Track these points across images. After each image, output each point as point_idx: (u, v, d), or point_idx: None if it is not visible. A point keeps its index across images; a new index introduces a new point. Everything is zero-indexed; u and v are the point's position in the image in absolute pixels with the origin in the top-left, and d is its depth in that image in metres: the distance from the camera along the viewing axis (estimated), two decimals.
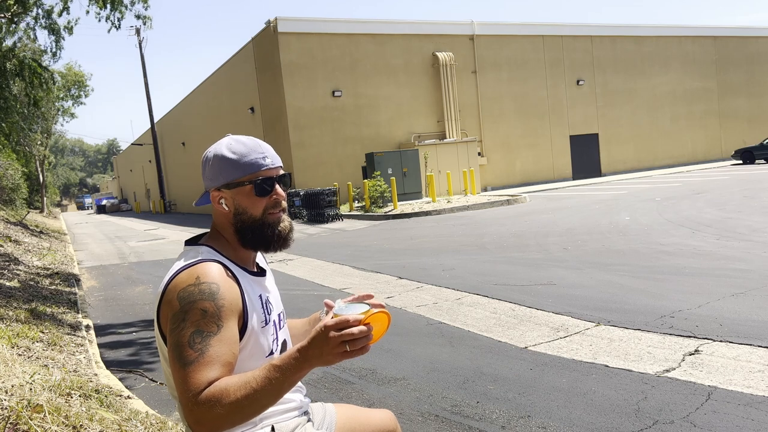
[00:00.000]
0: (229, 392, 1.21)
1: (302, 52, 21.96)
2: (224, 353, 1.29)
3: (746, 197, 12.61)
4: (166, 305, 1.36)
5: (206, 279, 1.35)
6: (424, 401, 3.44)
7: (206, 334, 1.29)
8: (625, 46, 28.84)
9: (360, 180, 21.78)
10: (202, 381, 1.23)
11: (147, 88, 34.81)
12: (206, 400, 1.21)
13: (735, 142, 31.80)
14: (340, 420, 1.69)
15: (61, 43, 11.31)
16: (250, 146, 1.49)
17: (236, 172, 1.47)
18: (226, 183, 1.48)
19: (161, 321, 1.38)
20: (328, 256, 9.94)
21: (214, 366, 1.26)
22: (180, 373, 1.26)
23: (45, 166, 38.11)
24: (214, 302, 1.32)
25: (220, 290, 1.34)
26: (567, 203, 15.73)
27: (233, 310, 1.35)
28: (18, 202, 22.64)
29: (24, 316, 5.28)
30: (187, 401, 1.23)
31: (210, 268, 1.37)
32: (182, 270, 1.38)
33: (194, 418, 1.22)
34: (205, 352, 1.27)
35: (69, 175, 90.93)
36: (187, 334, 1.28)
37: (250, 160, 1.47)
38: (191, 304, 1.31)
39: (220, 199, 1.49)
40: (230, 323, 1.33)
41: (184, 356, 1.26)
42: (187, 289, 1.33)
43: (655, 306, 4.94)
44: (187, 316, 1.30)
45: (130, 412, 3.18)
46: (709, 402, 3.07)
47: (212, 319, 1.30)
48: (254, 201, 1.48)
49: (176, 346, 1.28)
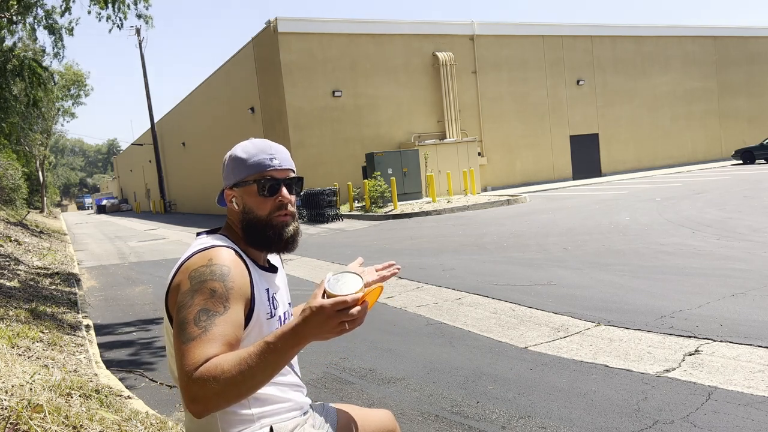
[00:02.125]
0: (224, 368, 1.20)
1: (302, 52, 21.96)
2: (228, 333, 1.29)
3: (746, 197, 12.61)
4: (176, 286, 1.38)
5: (218, 261, 1.37)
6: (424, 401, 3.44)
7: (212, 314, 1.30)
8: (625, 46, 28.84)
9: (360, 180, 21.78)
10: (200, 357, 1.23)
11: (147, 88, 34.82)
12: (201, 376, 1.20)
13: (735, 142, 31.79)
14: (341, 420, 1.70)
15: (62, 43, 11.29)
16: (261, 147, 1.53)
17: (243, 172, 1.51)
18: (236, 182, 1.52)
19: (169, 302, 1.39)
20: (328, 256, 9.94)
21: (214, 344, 1.26)
22: (181, 349, 1.25)
23: (45, 166, 38.12)
24: (223, 283, 1.34)
25: (231, 273, 1.36)
26: (567, 203, 15.73)
27: (242, 294, 1.37)
28: (18, 202, 22.64)
29: (24, 316, 5.28)
30: (184, 378, 1.22)
31: (223, 252, 1.41)
32: (196, 252, 1.41)
33: (190, 396, 1.21)
34: (209, 330, 1.27)
35: (69, 175, 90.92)
36: (194, 311, 1.29)
37: (257, 161, 1.51)
38: (201, 284, 1.33)
39: (232, 198, 1.54)
40: (237, 306, 1.35)
41: (187, 332, 1.27)
42: (198, 269, 1.36)
43: (655, 306, 4.94)
44: (195, 294, 1.32)
45: (130, 412, 3.18)
46: (710, 402, 3.07)
47: (220, 299, 1.32)
48: (259, 201, 1.50)
49: (182, 323, 1.29)
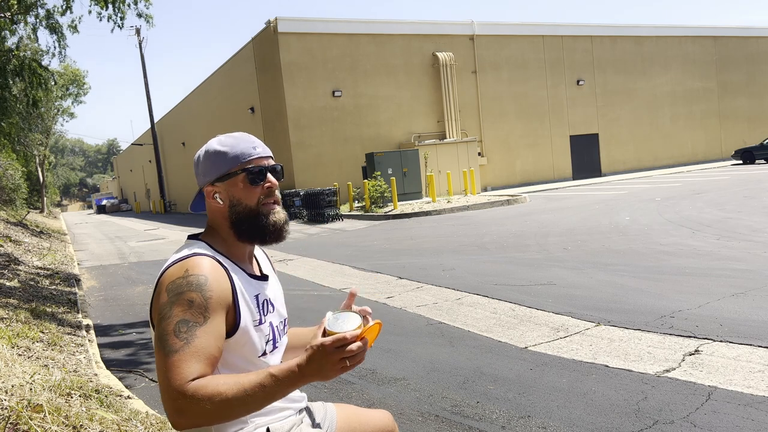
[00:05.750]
0: (220, 390, 1.20)
1: (302, 52, 21.96)
2: (210, 345, 1.29)
3: (746, 197, 12.61)
4: (156, 298, 1.37)
5: (194, 271, 1.35)
6: (424, 401, 3.44)
7: (192, 324, 1.29)
8: (625, 46, 28.84)
9: (360, 180, 21.78)
10: (189, 372, 1.23)
11: (147, 88, 34.81)
12: (195, 392, 1.20)
13: (735, 142, 31.80)
14: (340, 419, 1.70)
15: (63, 43, 11.28)
16: (240, 137, 1.51)
17: (228, 163, 1.48)
18: (219, 176, 1.49)
19: (153, 314, 1.39)
20: (328, 256, 9.94)
21: (200, 358, 1.26)
22: (165, 361, 1.25)
23: (45, 166, 38.11)
24: (201, 293, 1.32)
25: (208, 282, 1.34)
26: (567, 203, 15.72)
27: (221, 303, 1.35)
28: (18, 202, 22.65)
29: (24, 316, 5.28)
30: (172, 390, 1.22)
31: (199, 262, 1.38)
32: (173, 264, 1.39)
33: (176, 408, 1.21)
34: (191, 342, 1.26)
35: (69, 175, 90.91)
36: (173, 323, 1.28)
37: (241, 150, 1.49)
38: (178, 296, 1.31)
39: (215, 194, 1.50)
40: (217, 316, 1.33)
41: (169, 344, 1.26)
42: (175, 282, 1.34)
43: (655, 306, 4.94)
44: (173, 306, 1.30)
45: (130, 412, 3.17)
46: (709, 402, 3.07)
47: (199, 309, 1.31)
48: (248, 190, 1.48)
49: (162, 335, 1.28)
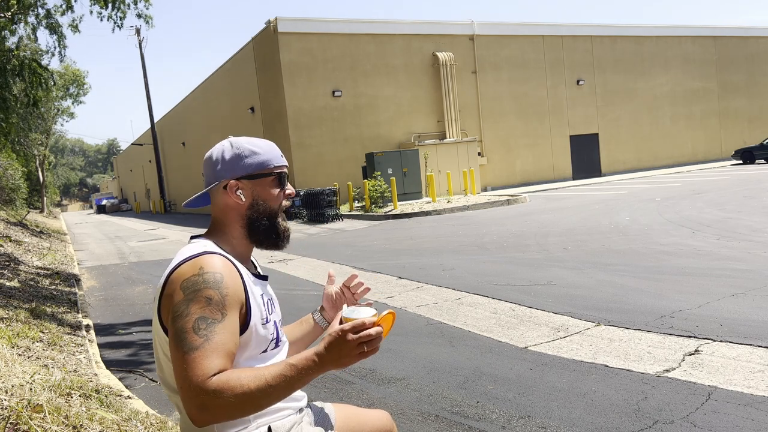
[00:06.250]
0: (242, 382, 1.21)
1: (302, 52, 21.96)
2: (228, 341, 1.30)
3: (746, 197, 12.61)
4: (167, 297, 1.36)
5: (209, 269, 1.36)
6: (424, 401, 3.44)
7: (211, 321, 1.29)
8: (625, 46, 28.84)
9: (360, 180, 21.78)
10: (210, 367, 1.23)
11: (147, 88, 34.81)
12: (217, 387, 1.21)
13: (735, 142, 31.80)
14: (339, 419, 1.71)
15: (63, 43, 11.27)
16: (267, 143, 1.58)
17: (262, 163, 1.52)
18: (249, 174, 1.51)
19: (162, 312, 1.38)
20: (328, 256, 9.94)
21: (220, 353, 1.26)
22: (184, 358, 1.25)
23: (45, 166, 38.11)
24: (218, 291, 1.33)
25: (224, 280, 1.35)
26: (567, 203, 15.72)
27: (236, 300, 1.37)
28: (18, 202, 22.66)
29: (24, 316, 5.28)
30: (192, 387, 1.22)
31: (213, 259, 1.39)
32: (185, 261, 1.39)
33: (199, 404, 1.21)
34: (211, 339, 1.27)
35: (69, 175, 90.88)
36: (192, 320, 1.28)
37: (273, 154, 1.54)
38: (195, 293, 1.32)
39: (238, 190, 1.50)
40: (233, 313, 1.34)
41: (188, 342, 1.26)
42: (190, 279, 1.34)
43: (655, 306, 4.94)
44: (191, 303, 1.30)
45: (130, 412, 3.18)
46: (709, 402, 3.07)
47: (217, 306, 1.31)
48: (274, 194, 1.53)
49: (180, 332, 1.28)
